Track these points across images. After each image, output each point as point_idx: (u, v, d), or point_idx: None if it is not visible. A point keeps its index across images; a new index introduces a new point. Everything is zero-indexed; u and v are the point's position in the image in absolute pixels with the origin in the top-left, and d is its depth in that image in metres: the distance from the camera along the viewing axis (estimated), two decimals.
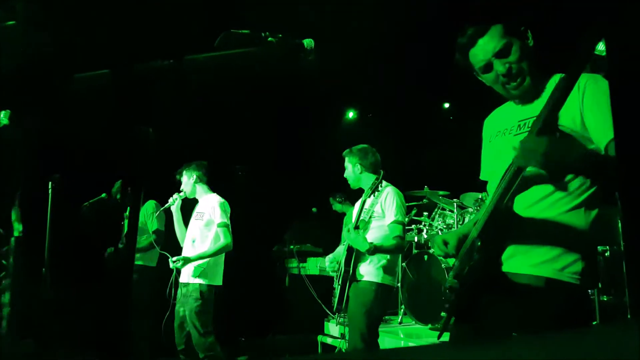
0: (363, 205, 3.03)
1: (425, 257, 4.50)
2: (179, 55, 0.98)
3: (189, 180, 3.91)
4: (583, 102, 1.45)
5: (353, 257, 2.96)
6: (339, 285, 3.00)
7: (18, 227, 1.74)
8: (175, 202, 3.89)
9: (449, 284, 1.59)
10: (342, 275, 2.98)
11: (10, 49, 1.30)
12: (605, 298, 3.81)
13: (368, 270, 2.96)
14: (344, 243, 3.09)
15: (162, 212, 4.18)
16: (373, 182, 2.99)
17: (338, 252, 3.17)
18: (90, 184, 4.14)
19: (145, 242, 4.16)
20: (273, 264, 6.05)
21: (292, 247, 5.81)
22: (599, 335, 0.68)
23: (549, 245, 1.47)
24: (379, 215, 3.02)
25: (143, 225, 4.27)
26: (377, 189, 2.96)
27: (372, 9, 4.26)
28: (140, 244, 4.16)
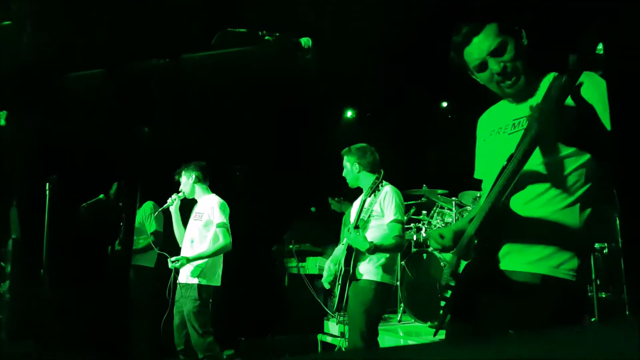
0: (363, 205, 3.03)
1: (424, 255, 4.51)
2: (176, 54, 0.97)
3: (188, 181, 3.90)
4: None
5: (353, 256, 2.96)
6: (339, 285, 3.00)
7: (16, 228, 1.74)
8: (174, 202, 3.89)
9: (445, 282, 1.59)
10: (342, 275, 2.98)
11: (7, 49, 1.29)
12: (604, 295, 3.82)
13: (367, 269, 2.96)
14: (344, 242, 3.09)
15: (160, 212, 4.18)
16: (373, 181, 2.99)
17: (336, 255, 3.17)
18: (88, 185, 4.12)
19: (144, 243, 4.15)
20: (272, 264, 6.04)
21: (291, 246, 5.80)
22: (598, 333, 0.68)
23: (545, 243, 1.47)
24: (378, 215, 3.02)
25: (141, 226, 4.26)
26: (377, 189, 2.96)
27: (371, 9, 4.26)
28: (139, 245, 4.15)
